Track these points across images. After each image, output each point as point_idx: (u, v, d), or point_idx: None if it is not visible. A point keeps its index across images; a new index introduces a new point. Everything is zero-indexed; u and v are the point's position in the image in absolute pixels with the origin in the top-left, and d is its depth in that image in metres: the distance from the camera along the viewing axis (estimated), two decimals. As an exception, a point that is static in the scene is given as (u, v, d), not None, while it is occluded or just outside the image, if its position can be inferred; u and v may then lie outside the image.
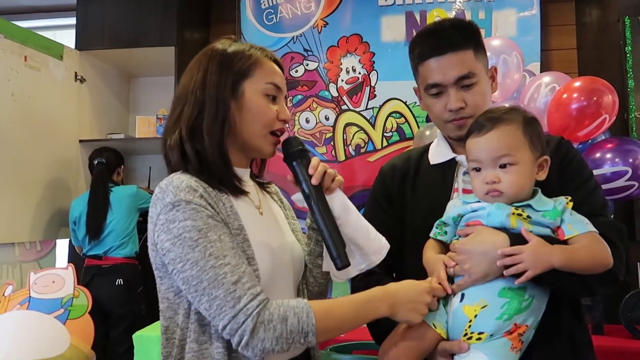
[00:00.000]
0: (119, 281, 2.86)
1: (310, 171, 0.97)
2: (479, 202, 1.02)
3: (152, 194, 3.43)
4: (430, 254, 1.06)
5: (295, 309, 0.87)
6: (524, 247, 0.93)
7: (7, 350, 1.18)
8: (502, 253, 0.94)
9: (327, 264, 1.02)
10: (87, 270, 2.91)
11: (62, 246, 3.23)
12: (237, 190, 0.98)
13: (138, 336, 2.16)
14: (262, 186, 1.14)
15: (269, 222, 1.05)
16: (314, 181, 0.96)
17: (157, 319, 0.98)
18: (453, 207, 1.06)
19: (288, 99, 3.13)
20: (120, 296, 2.85)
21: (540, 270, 0.92)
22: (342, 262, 0.93)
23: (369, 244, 1.01)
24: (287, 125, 1.06)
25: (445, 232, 1.06)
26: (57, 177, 3.05)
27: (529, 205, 0.98)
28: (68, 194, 3.09)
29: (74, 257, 3.13)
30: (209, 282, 0.85)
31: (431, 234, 1.08)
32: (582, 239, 0.95)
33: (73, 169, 3.17)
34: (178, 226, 0.87)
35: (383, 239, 1.03)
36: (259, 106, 0.99)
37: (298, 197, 0.99)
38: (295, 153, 0.99)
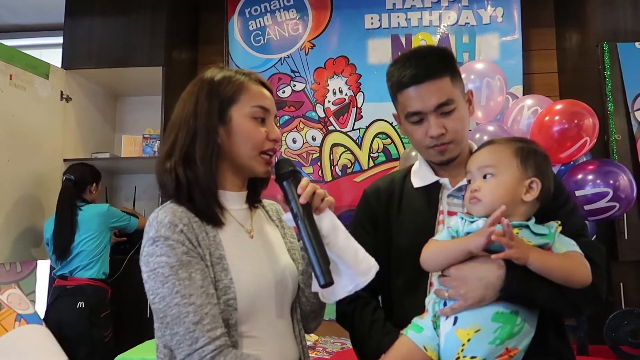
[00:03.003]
0: (80, 304, 2.63)
1: (299, 191, 0.98)
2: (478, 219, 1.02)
3: (130, 213, 3.28)
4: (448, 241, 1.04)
5: None
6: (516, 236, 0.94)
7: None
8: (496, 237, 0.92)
9: (315, 285, 1.01)
10: (53, 291, 2.76)
11: (43, 267, 3.16)
12: (216, 222, 1.01)
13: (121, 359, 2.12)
14: (259, 207, 1.16)
15: (259, 245, 1.07)
16: (302, 200, 0.97)
17: (124, 344, 1.01)
18: (455, 220, 1.06)
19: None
20: (80, 319, 2.62)
21: (520, 257, 0.93)
22: (324, 279, 0.92)
23: (357, 264, 1.00)
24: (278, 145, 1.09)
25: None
26: (40, 196, 3.00)
27: (527, 227, 0.99)
28: (50, 213, 3.02)
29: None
30: (172, 318, 0.91)
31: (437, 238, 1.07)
32: (566, 253, 0.98)
33: (56, 189, 3.11)
34: (154, 260, 0.93)
35: (372, 260, 1.03)
36: (246, 129, 1.03)
37: (288, 216, 1.00)
38: (286, 174, 1.01)
